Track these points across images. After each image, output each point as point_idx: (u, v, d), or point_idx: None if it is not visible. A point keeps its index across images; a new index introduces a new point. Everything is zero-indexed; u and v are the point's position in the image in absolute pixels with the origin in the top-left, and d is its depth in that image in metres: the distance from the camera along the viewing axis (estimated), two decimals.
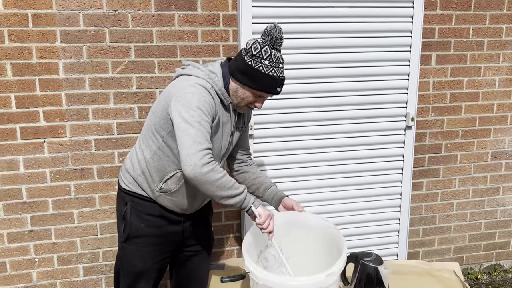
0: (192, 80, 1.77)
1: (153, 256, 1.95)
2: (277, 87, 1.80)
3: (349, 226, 3.04)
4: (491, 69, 3.10)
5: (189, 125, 1.65)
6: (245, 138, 2.14)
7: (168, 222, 1.94)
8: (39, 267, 2.68)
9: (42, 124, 2.52)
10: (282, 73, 1.79)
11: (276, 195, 2.07)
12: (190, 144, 1.63)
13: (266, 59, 1.74)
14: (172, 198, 1.88)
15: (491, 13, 3.00)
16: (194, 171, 1.61)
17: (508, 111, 3.20)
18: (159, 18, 2.54)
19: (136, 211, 1.91)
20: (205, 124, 1.68)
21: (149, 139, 1.86)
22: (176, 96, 1.73)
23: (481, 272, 3.48)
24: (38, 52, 2.43)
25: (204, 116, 1.69)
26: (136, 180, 1.91)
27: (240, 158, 2.14)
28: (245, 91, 1.80)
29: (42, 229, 2.64)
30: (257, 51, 1.75)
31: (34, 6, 2.38)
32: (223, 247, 2.94)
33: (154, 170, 1.85)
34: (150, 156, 1.85)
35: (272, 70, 1.75)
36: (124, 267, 1.98)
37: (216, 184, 1.65)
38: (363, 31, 2.78)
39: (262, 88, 1.78)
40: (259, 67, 1.74)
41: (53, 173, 2.58)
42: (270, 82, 1.77)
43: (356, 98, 2.87)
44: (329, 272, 1.64)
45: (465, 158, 3.21)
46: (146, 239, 1.92)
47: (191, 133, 1.64)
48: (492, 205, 3.36)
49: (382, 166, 3.02)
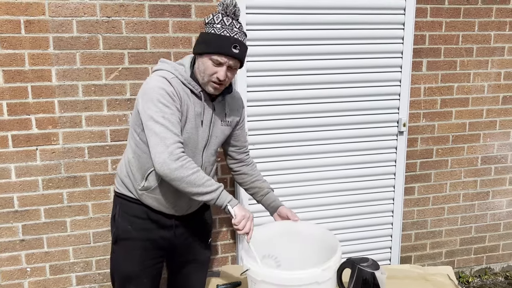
0: (156, 74, 1.78)
1: (141, 260, 1.92)
2: (232, 47, 1.74)
3: (342, 232, 3.05)
4: (480, 75, 3.15)
5: (153, 122, 1.67)
6: (241, 136, 2.08)
7: (157, 226, 1.92)
8: (31, 276, 2.64)
9: (34, 132, 2.49)
10: (236, 34, 1.75)
11: (272, 202, 2.07)
12: (158, 142, 1.65)
13: (218, 23, 1.75)
14: (154, 195, 1.86)
15: (479, 20, 3.06)
16: (163, 168, 1.64)
17: (497, 116, 3.26)
18: (153, 25, 2.53)
19: (123, 212, 1.92)
20: (170, 117, 1.68)
21: (130, 139, 1.87)
22: (140, 93, 1.76)
23: (472, 276, 3.52)
24: (30, 58, 2.41)
25: (166, 109, 1.69)
26: (123, 182, 1.91)
27: (238, 157, 2.11)
28: (203, 62, 1.76)
29: (34, 238, 2.60)
30: (209, 19, 1.77)
31: (26, 12, 2.36)
32: (218, 254, 2.93)
33: (136, 169, 1.85)
34: (132, 156, 1.86)
35: (224, 31, 1.73)
36: (115, 269, 1.98)
37: (186, 181, 1.66)
38: (355, 37, 2.81)
39: (216, 50, 1.73)
40: (211, 31, 1.75)
41: (45, 181, 2.55)
42: (223, 42, 1.73)
43: (349, 104, 2.89)
44: (325, 266, 1.63)
45: (455, 163, 3.25)
46: (134, 242, 1.91)
47: (157, 131, 1.66)
48: (482, 209, 3.40)
49: (375, 171, 3.04)
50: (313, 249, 2.00)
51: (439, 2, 2.96)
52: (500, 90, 3.22)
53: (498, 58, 3.16)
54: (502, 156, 3.33)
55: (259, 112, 2.76)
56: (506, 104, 3.25)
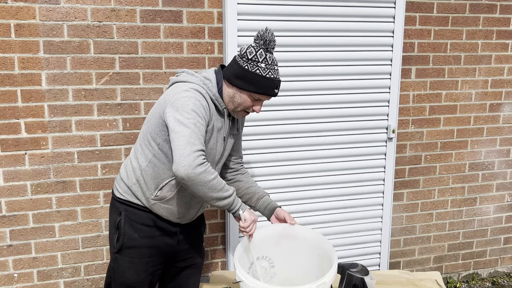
0: (187, 86, 1.78)
1: (145, 267, 1.93)
2: (275, 89, 1.82)
3: (332, 237, 3.06)
4: (468, 82, 3.20)
5: (183, 126, 1.66)
6: (239, 146, 2.15)
7: (162, 233, 1.92)
8: (18, 282, 2.61)
9: (23, 136, 2.47)
10: (278, 75, 1.83)
11: (269, 205, 2.08)
12: (184, 145, 1.63)
13: (262, 62, 1.77)
14: (167, 206, 1.87)
15: (467, 29, 3.11)
16: (187, 171, 1.61)
17: (484, 124, 3.30)
18: (145, 30, 2.53)
19: (130, 220, 1.89)
20: (200, 127, 1.69)
21: (145, 147, 1.86)
22: (171, 102, 1.74)
23: (459, 281, 3.55)
24: (20, 62, 2.39)
25: (199, 118, 1.70)
26: (131, 189, 1.89)
27: (233, 167, 2.15)
28: (242, 96, 1.82)
29: (22, 243, 2.57)
30: (252, 55, 1.77)
31: (17, 16, 2.35)
32: (208, 259, 2.92)
33: (150, 178, 1.85)
34: (145, 164, 1.85)
35: (269, 72, 1.78)
36: (116, 278, 1.95)
37: (208, 186, 1.67)
38: (345, 45, 2.83)
39: (261, 91, 1.80)
40: (256, 70, 1.77)
41: (34, 186, 2.53)
42: (268, 84, 1.79)
43: (338, 111, 2.91)
44: (320, 282, 1.65)
45: (444, 169, 3.29)
46: (139, 250, 1.90)
47: (185, 134, 1.64)
48: (470, 215, 3.44)
49: (364, 177, 3.07)
50: (308, 254, 2.02)
51: (428, 11, 3.00)
52: (487, 98, 3.27)
53: (485, 66, 3.21)
54: (489, 162, 3.38)
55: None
56: (493, 112, 3.30)
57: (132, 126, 2.61)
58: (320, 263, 1.95)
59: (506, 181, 3.46)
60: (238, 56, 1.82)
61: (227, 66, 1.88)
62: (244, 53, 1.80)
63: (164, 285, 2.14)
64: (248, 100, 1.83)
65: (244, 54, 1.79)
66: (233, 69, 1.82)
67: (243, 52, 1.80)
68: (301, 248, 2.03)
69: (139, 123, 2.61)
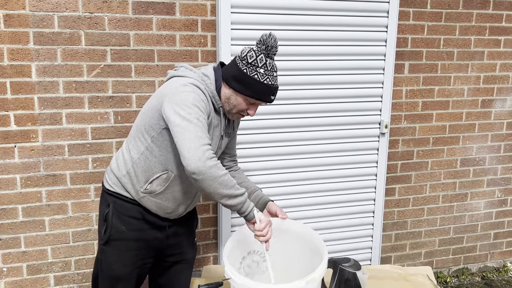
0: (185, 80, 1.76)
1: (133, 260, 1.91)
2: (271, 95, 1.80)
3: (324, 232, 3.06)
4: (460, 78, 3.21)
5: (188, 122, 1.62)
6: (233, 145, 2.14)
7: (150, 227, 1.91)
8: (7, 277, 2.58)
9: (13, 129, 2.43)
10: (276, 82, 1.80)
11: (261, 199, 2.07)
12: (192, 139, 1.59)
13: (261, 67, 1.75)
14: (156, 200, 1.85)
15: (460, 25, 3.11)
16: (198, 165, 1.56)
17: (476, 120, 3.32)
18: (137, 22, 2.50)
19: (118, 212, 1.87)
20: (203, 121, 1.67)
21: (138, 139, 1.84)
22: (169, 96, 1.71)
23: (449, 276, 3.58)
24: (9, 54, 2.35)
25: (201, 113, 1.68)
26: (120, 181, 1.87)
27: (227, 164, 2.14)
28: (238, 98, 1.80)
29: (11, 237, 2.54)
30: (252, 59, 1.75)
31: (6, 6, 2.30)
32: (200, 254, 2.91)
33: (141, 170, 1.82)
34: (137, 157, 1.83)
35: (267, 79, 1.76)
36: (103, 270, 1.93)
37: (219, 181, 1.62)
38: (339, 39, 2.82)
39: (257, 96, 1.78)
40: (254, 75, 1.75)
41: (23, 179, 2.50)
42: (265, 90, 1.77)
43: (331, 106, 2.91)
44: (309, 278, 1.64)
45: (435, 165, 3.30)
46: (127, 243, 1.89)
47: (191, 129, 1.61)
48: (461, 210, 3.46)
49: (357, 172, 3.07)
50: (299, 248, 2.01)
51: (421, 6, 3.00)
52: (480, 94, 3.28)
53: (478, 62, 3.22)
54: (481, 158, 3.40)
55: None
56: (485, 108, 3.31)
57: (123, 119, 2.58)
58: (311, 257, 1.94)
59: (497, 177, 3.48)
60: (238, 58, 1.79)
61: (227, 66, 1.85)
62: (244, 56, 1.77)
63: (155, 279, 2.12)
64: (243, 103, 1.81)
65: (245, 57, 1.77)
66: (232, 70, 1.80)
67: (243, 54, 1.78)
68: (292, 242, 2.02)
69: (131, 116, 2.59)
